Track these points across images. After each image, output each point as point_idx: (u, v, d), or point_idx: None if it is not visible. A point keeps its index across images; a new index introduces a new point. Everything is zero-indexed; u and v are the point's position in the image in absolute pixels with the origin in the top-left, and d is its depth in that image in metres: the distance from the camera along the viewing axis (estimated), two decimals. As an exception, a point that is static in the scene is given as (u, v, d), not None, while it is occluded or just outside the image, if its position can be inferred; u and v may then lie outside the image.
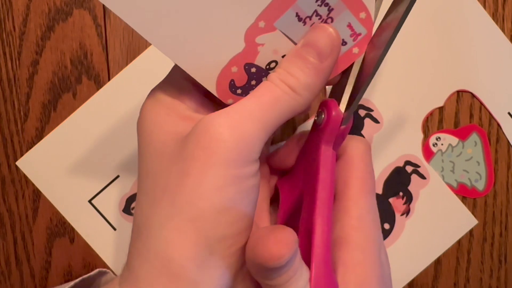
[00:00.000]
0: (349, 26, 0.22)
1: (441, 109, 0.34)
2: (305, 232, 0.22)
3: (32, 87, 0.33)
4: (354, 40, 0.22)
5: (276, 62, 0.22)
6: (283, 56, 0.22)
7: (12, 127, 0.33)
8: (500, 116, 0.34)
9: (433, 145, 0.34)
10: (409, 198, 0.34)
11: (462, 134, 0.34)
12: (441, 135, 0.34)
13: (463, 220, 0.34)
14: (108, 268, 0.34)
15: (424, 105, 0.34)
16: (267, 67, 0.22)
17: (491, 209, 0.34)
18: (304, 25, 0.21)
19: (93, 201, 0.33)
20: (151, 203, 0.20)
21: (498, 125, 0.34)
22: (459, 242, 0.34)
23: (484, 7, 0.33)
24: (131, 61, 0.33)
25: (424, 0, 0.33)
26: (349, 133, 0.24)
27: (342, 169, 0.24)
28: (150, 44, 0.33)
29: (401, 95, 0.33)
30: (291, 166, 0.26)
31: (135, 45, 0.33)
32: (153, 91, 0.22)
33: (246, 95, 0.22)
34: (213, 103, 0.23)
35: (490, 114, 0.34)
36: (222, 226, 0.19)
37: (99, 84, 0.33)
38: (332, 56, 0.21)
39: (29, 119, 0.33)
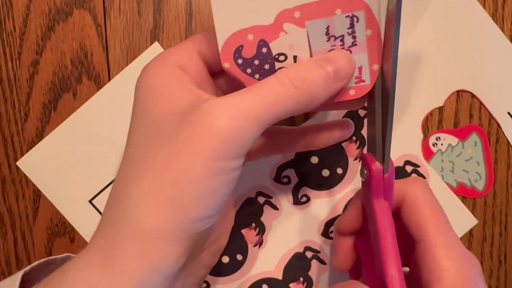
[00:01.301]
0: (360, 69, 0.22)
1: (441, 109, 0.34)
2: (382, 286, 0.23)
3: (33, 87, 0.33)
4: (356, 83, 0.23)
5: (285, 56, 0.22)
6: (294, 57, 0.22)
7: (12, 127, 0.33)
8: (500, 116, 0.34)
9: (433, 145, 0.34)
10: (409, 198, 0.34)
11: (462, 134, 0.34)
12: (441, 135, 0.34)
13: (463, 220, 0.34)
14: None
15: (424, 105, 0.34)
16: (276, 56, 0.22)
17: (490, 209, 0.34)
18: (327, 41, 0.22)
19: (93, 201, 0.33)
20: (134, 173, 0.21)
21: (498, 125, 0.34)
22: (459, 242, 0.34)
23: (484, 7, 0.33)
24: (131, 61, 0.33)
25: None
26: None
27: (410, 214, 0.24)
28: (150, 44, 0.33)
29: (400, 95, 0.33)
30: (361, 226, 0.27)
31: (135, 45, 0.33)
32: (162, 53, 0.22)
33: (242, 69, 0.22)
34: (215, 81, 0.24)
35: (490, 114, 0.34)
36: (199, 210, 0.20)
37: (99, 84, 0.33)
38: (344, 81, 0.22)
39: (29, 119, 0.33)
